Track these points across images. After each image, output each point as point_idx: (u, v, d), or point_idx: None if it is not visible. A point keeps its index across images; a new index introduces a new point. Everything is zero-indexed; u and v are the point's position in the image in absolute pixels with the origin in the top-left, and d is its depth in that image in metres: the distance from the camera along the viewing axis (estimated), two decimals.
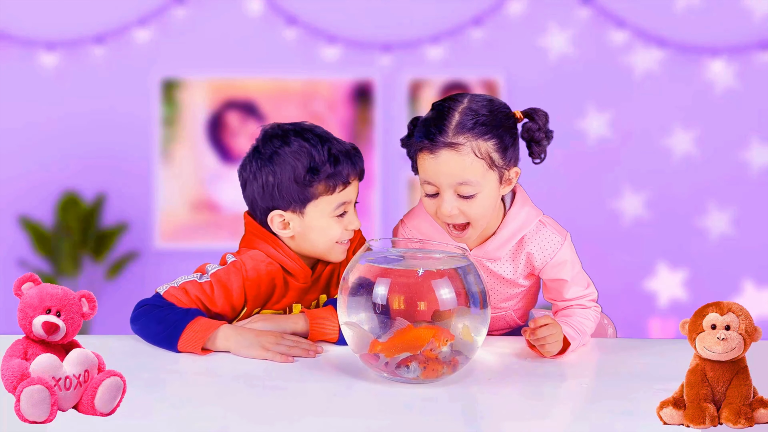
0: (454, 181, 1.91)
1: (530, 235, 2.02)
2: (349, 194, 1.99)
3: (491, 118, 1.92)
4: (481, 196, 1.93)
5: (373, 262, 1.73)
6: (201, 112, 4.60)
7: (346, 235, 2.01)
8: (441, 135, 1.91)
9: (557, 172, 4.49)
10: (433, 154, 1.91)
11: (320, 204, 1.98)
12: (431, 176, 1.93)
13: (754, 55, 4.50)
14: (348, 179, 1.98)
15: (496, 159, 1.92)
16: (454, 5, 4.52)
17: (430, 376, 1.70)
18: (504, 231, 2.02)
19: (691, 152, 4.55)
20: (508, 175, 1.97)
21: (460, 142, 1.90)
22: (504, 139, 1.93)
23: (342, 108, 4.56)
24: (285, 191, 1.97)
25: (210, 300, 1.97)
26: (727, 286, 4.52)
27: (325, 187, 1.96)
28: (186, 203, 4.63)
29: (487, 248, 2.03)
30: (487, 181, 1.93)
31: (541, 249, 2.02)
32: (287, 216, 1.99)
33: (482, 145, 1.91)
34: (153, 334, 1.91)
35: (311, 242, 2.00)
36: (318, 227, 1.99)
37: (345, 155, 1.98)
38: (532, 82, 4.47)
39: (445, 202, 1.93)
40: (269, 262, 2.01)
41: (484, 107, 1.93)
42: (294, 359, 1.85)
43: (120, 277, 4.59)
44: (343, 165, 1.97)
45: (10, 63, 4.52)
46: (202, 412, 1.59)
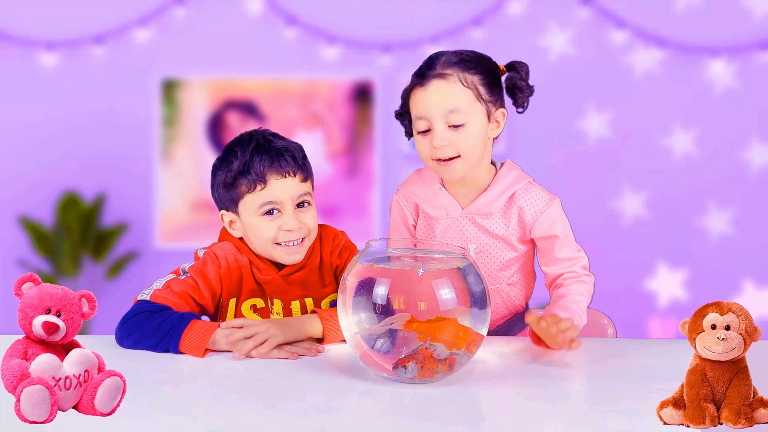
0: (444, 109, 2.03)
1: (520, 192, 2.11)
2: (274, 193, 2.01)
3: (475, 57, 2.09)
4: (470, 126, 2.04)
5: (373, 262, 1.73)
6: (201, 112, 4.61)
7: (282, 235, 2.02)
8: (430, 70, 2.06)
9: (557, 172, 4.49)
10: (423, 87, 2.06)
11: (247, 203, 2.02)
12: (422, 108, 2.05)
13: (754, 55, 4.50)
14: (264, 177, 2.00)
15: (483, 92, 2.06)
16: (454, 5, 4.53)
17: (426, 376, 1.70)
18: (495, 186, 2.11)
19: (691, 152, 4.55)
20: (495, 115, 2.08)
21: (448, 72, 2.05)
22: (488, 77, 2.07)
23: (342, 108, 4.56)
24: (220, 193, 2.06)
25: (196, 291, 2.00)
26: (727, 286, 4.52)
27: (246, 186, 2.01)
28: (186, 203, 4.63)
29: (478, 203, 2.11)
30: (475, 112, 2.04)
31: (531, 204, 2.10)
32: (230, 216, 2.06)
33: (469, 77, 2.05)
34: (151, 345, 1.88)
35: (253, 243, 2.05)
36: (252, 226, 2.03)
37: (266, 154, 2.00)
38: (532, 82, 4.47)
39: (436, 133, 2.03)
40: (235, 252, 2.06)
41: (467, 51, 2.10)
42: (297, 356, 1.86)
43: (120, 277, 4.59)
44: (256, 164, 2.00)
45: (10, 63, 4.52)
46: (201, 412, 1.59)
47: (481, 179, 2.11)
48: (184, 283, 1.98)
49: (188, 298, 1.98)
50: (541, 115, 4.56)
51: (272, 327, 1.88)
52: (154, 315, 1.91)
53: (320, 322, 1.93)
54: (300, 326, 1.91)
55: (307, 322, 1.93)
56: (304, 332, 1.91)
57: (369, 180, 4.56)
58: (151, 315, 1.91)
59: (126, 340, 1.91)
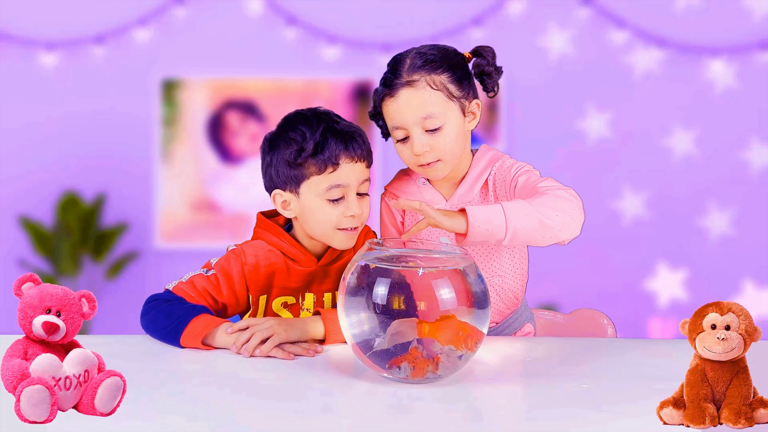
0: (418, 117, 2.01)
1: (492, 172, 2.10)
2: (343, 177, 1.99)
3: (439, 55, 2.05)
4: (447, 127, 2.02)
5: (373, 262, 1.73)
6: (201, 112, 4.61)
7: (345, 221, 2.00)
8: (397, 78, 2.03)
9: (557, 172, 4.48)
10: (393, 97, 2.03)
11: (312, 184, 1.99)
12: (396, 118, 2.03)
13: (754, 55, 4.50)
14: (337, 160, 1.98)
15: (453, 90, 2.03)
16: (454, 5, 4.53)
17: (418, 375, 1.70)
18: (470, 174, 2.11)
19: (691, 152, 4.55)
20: (470, 108, 2.07)
21: (415, 78, 2.02)
22: (456, 72, 2.04)
23: (342, 108, 4.56)
24: (281, 171, 2.01)
25: (216, 289, 2.00)
26: (727, 286, 4.52)
27: (316, 168, 1.98)
28: (186, 203, 4.64)
29: (459, 193, 2.11)
30: (450, 113, 2.03)
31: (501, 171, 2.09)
32: (286, 196, 2.03)
33: (436, 78, 2.02)
34: (160, 328, 1.92)
35: (311, 225, 2.02)
36: (312, 209, 2.00)
37: (338, 136, 1.99)
38: (532, 82, 4.48)
39: (414, 140, 2.02)
40: (269, 250, 2.04)
41: (431, 49, 2.06)
42: (295, 357, 1.86)
43: (120, 277, 4.59)
44: (331, 145, 1.98)
45: (10, 63, 4.53)
46: (202, 412, 1.59)
47: (461, 169, 2.12)
48: (206, 280, 2.00)
49: (207, 296, 1.99)
50: (541, 115, 4.57)
51: (276, 325, 1.88)
52: (170, 303, 1.95)
53: (322, 323, 1.93)
54: (303, 326, 1.92)
55: (310, 322, 1.93)
56: (307, 333, 1.92)
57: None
58: (167, 302, 1.95)
59: (143, 318, 1.97)
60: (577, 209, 1.92)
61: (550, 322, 2.33)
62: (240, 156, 4.61)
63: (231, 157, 4.63)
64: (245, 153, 4.60)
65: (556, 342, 2.04)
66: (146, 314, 1.96)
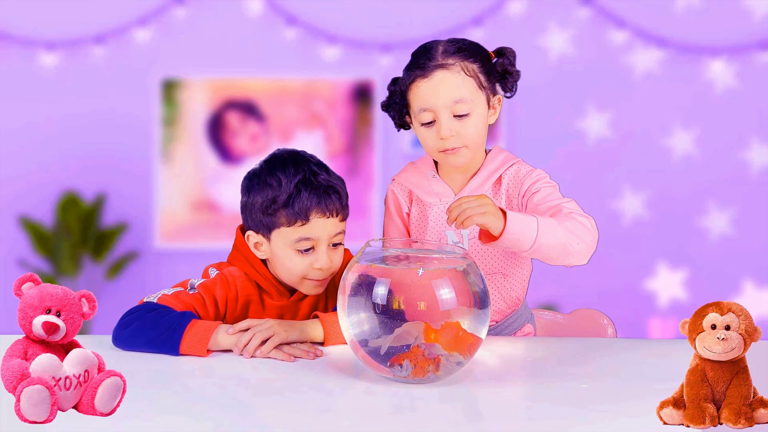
0: (449, 100, 2.02)
1: (506, 173, 2.12)
2: (313, 231, 1.97)
3: (470, 46, 2.08)
4: (474, 115, 2.04)
5: (373, 262, 1.73)
6: (201, 112, 4.61)
7: (313, 273, 2.00)
8: (431, 60, 2.04)
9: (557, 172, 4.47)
10: (426, 78, 2.04)
11: (282, 233, 1.99)
12: (427, 100, 2.04)
13: (754, 55, 4.50)
14: (307, 215, 1.96)
15: (483, 80, 2.06)
16: (454, 5, 4.53)
17: (419, 375, 1.70)
18: (484, 170, 2.12)
19: (691, 152, 4.55)
20: (493, 102, 2.09)
21: (450, 62, 2.04)
22: (485, 64, 2.07)
23: (342, 108, 4.56)
24: (254, 214, 2.02)
25: (201, 307, 1.98)
26: (727, 286, 4.52)
27: (286, 219, 1.97)
28: (186, 203, 4.64)
29: (469, 188, 2.12)
30: (479, 101, 2.05)
31: (516, 176, 2.11)
32: (258, 238, 2.03)
33: (469, 65, 2.04)
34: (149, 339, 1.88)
35: (279, 271, 2.03)
36: (281, 256, 2.00)
37: (312, 190, 1.96)
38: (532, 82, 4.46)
39: (443, 124, 2.03)
40: (244, 279, 2.04)
41: (460, 40, 2.08)
42: (295, 359, 1.86)
43: (120, 277, 4.59)
44: (303, 200, 1.96)
45: (10, 63, 4.53)
46: (202, 412, 1.59)
47: (474, 164, 2.12)
48: (192, 298, 1.98)
49: (193, 311, 1.97)
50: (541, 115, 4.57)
51: (275, 325, 1.89)
52: (156, 311, 1.91)
53: (322, 325, 1.93)
54: (302, 327, 1.92)
55: (309, 324, 1.94)
56: (306, 334, 1.92)
57: (369, 180, 4.56)
58: (152, 311, 1.92)
59: (123, 331, 1.90)
60: (594, 242, 2.00)
61: (550, 322, 2.33)
62: (240, 156, 4.61)
63: (231, 157, 4.62)
64: (245, 153, 4.59)
65: (556, 342, 2.04)
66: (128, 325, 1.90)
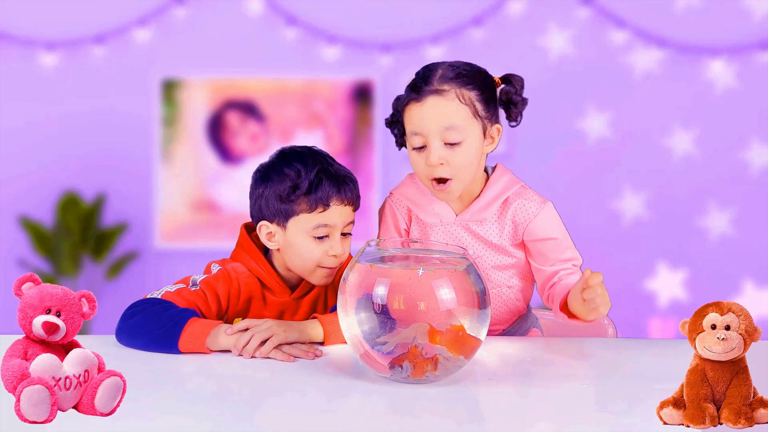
0: (440, 126, 1.99)
1: (513, 196, 2.09)
2: (331, 217, 2.03)
3: (471, 72, 2.04)
4: (466, 144, 2.00)
5: (373, 262, 1.73)
6: (201, 112, 4.61)
7: (328, 260, 2.04)
8: (427, 85, 2.01)
9: (557, 172, 4.49)
10: (419, 102, 2.01)
11: (300, 221, 2.03)
12: (418, 124, 2.01)
13: (754, 55, 4.50)
14: (328, 201, 2.02)
15: (480, 109, 2.02)
16: (454, 5, 4.53)
17: (418, 375, 1.70)
18: (488, 192, 2.09)
19: (691, 152, 4.55)
20: (490, 131, 2.05)
21: (445, 88, 2.00)
22: (485, 92, 2.03)
23: (342, 108, 4.56)
24: (271, 204, 2.05)
25: (204, 304, 2.00)
26: (727, 286, 4.53)
27: (306, 205, 2.02)
28: (186, 203, 4.64)
29: (472, 210, 2.09)
30: (472, 130, 2.01)
31: (525, 208, 2.08)
32: (272, 228, 2.06)
33: (466, 93, 2.01)
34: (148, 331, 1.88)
35: (292, 259, 2.06)
36: (297, 244, 2.03)
37: (332, 179, 2.03)
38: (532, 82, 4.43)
39: (432, 150, 2.00)
40: (248, 275, 2.06)
41: (464, 65, 2.06)
42: (294, 359, 1.86)
43: (120, 277, 4.59)
44: (325, 187, 2.02)
45: (10, 63, 4.53)
46: (201, 413, 1.59)
47: (474, 187, 2.09)
48: (194, 294, 2.00)
49: (195, 308, 1.98)
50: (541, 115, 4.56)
51: (275, 326, 1.90)
52: (158, 305, 1.93)
53: (321, 325, 1.94)
54: (301, 328, 1.92)
55: (309, 325, 1.94)
56: (305, 334, 1.92)
57: (369, 180, 4.56)
58: (155, 305, 1.93)
59: (126, 322, 1.91)
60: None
61: (551, 322, 2.33)
62: (240, 156, 4.61)
63: (231, 157, 4.63)
64: (245, 153, 4.59)
65: (556, 342, 2.04)
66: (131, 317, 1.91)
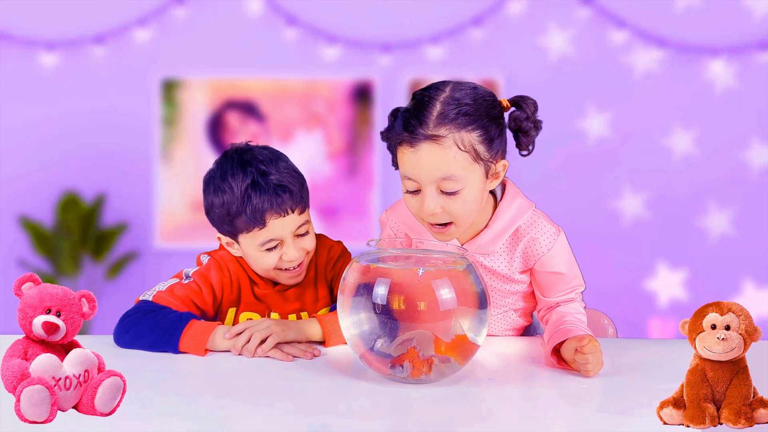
0: (436, 177, 1.80)
1: (525, 226, 1.93)
2: (274, 232, 1.96)
3: (475, 107, 1.81)
4: (465, 192, 1.82)
5: (373, 262, 1.72)
6: (201, 112, 4.61)
7: (285, 264, 2.00)
8: (421, 127, 1.79)
9: (557, 172, 4.49)
10: (413, 148, 1.80)
11: (246, 238, 1.98)
12: (412, 172, 1.81)
13: (754, 55, 4.50)
14: (263, 219, 1.94)
15: (481, 151, 1.81)
16: (454, 5, 4.53)
17: (415, 375, 1.70)
18: (496, 224, 1.93)
19: (691, 152, 4.55)
20: (494, 169, 1.86)
21: (442, 134, 1.78)
22: (489, 130, 1.82)
23: (342, 108, 4.56)
24: (216, 221, 2.02)
25: (198, 296, 1.99)
26: (727, 286, 4.52)
27: (243, 226, 1.97)
28: (186, 203, 4.64)
29: (479, 242, 1.93)
30: (472, 176, 1.81)
31: (539, 241, 1.93)
32: (227, 239, 2.03)
33: (466, 136, 1.79)
34: (148, 343, 1.89)
35: (253, 266, 2.03)
36: (252, 255, 2.00)
37: (264, 193, 1.94)
38: (532, 82, 4.47)
39: (427, 200, 1.81)
40: (235, 262, 2.04)
41: (467, 96, 1.82)
42: (293, 359, 1.86)
43: (120, 277, 4.59)
44: (255, 205, 1.93)
45: (10, 63, 4.52)
46: (201, 413, 1.59)
47: (481, 217, 1.93)
48: (187, 288, 1.99)
49: (190, 303, 1.98)
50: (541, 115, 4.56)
51: (273, 325, 1.89)
52: (154, 313, 1.92)
53: (319, 325, 1.93)
54: (300, 327, 1.92)
55: (307, 324, 1.94)
56: (304, 333, 1.92)
57: (369, 180, 4.56)
58: (150, 313, 1.92)
59: (124, 335, 1.91)
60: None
61: None
62: None
63: None
64: None
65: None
66: (127, 331, 1.91)
